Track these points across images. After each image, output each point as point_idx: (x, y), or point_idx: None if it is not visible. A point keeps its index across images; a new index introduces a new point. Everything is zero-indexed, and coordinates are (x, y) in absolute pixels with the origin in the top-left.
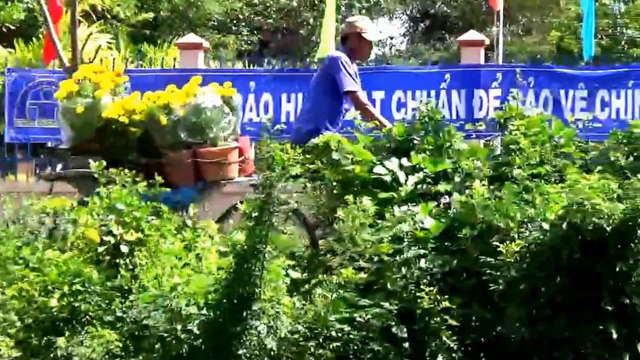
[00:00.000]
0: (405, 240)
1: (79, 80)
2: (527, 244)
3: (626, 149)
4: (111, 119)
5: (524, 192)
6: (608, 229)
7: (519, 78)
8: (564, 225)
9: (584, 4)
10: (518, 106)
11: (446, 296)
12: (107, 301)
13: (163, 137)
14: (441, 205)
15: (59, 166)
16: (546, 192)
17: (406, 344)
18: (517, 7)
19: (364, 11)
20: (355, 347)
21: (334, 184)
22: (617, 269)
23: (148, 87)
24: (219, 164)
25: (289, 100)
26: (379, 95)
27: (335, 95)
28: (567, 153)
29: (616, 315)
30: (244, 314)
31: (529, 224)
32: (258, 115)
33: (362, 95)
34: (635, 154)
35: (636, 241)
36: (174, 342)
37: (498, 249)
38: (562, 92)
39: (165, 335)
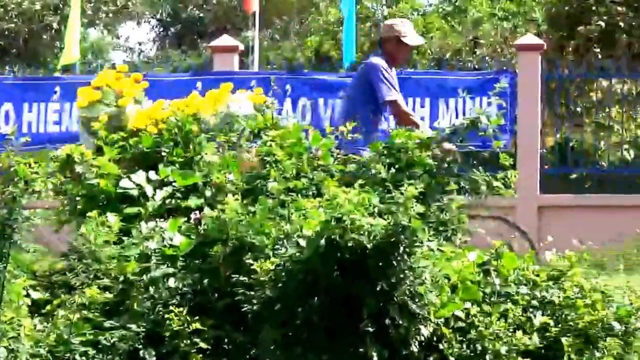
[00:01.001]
0: (153, 258)
1: (98, 87)
2: (282, 262)
3: (387, 160)
4: (137, 129)
5: (279, 207)
6: (369, 245)
7: (275, 86)
8: (322, 242)
9: (344, 7)
10: (273, 115)
11: (197, 317)
12: None
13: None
14: (191, 221)
15: None
16: (303, 207)
17: None
18: (275, 11)
19: (110, 15)
20: None
21: (78, 198)
22: (379, 288)
23: None
24: None
25: (30, 110)
26: None
27: (373, 104)
28: (325, 165)
29: (377, 337)
30: None
31: (285, 241)
32: None
33: (403, 104)
34: (397, 165)
35: (398, 259)
36: None
37: (252, 267)
38: (321, 100)
39: None
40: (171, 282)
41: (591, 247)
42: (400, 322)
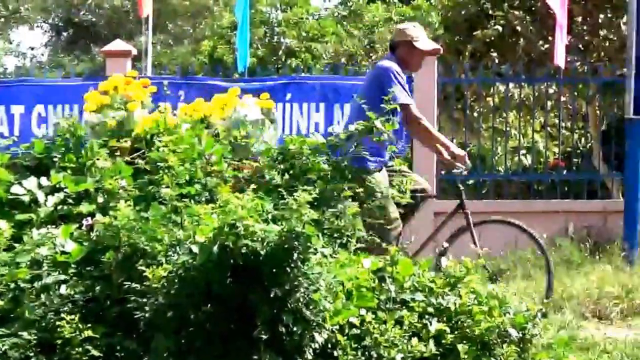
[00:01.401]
0: (45, 264)
1: (105, 91)
2: (175, 269)
3: (281, 166)
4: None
5: (172, 213)
6: (262, 252)
7: (168, 90)
8: (215, 249)
9: (238, 11)
10: (166, 121)
11: (89, 325)
12: None
13: None
14: (83, 227)
15: None
16: (196, 213)
17: None
18: (168, 15)
19: (2, 19)
20: None
21: None
22: (272, 295)
23: None
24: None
25: None
26: (18, 109)
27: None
28: (219, 171)
29: (271, 344)
30: None
31: (177, 247)
32: None
33: (415, 109)
34: (291, 172)
35: (292, 265)
36: None
37: (145, 274)
38: None
39: None
40: (63, 289)
41: (488, 254)
42: (295, 329)
